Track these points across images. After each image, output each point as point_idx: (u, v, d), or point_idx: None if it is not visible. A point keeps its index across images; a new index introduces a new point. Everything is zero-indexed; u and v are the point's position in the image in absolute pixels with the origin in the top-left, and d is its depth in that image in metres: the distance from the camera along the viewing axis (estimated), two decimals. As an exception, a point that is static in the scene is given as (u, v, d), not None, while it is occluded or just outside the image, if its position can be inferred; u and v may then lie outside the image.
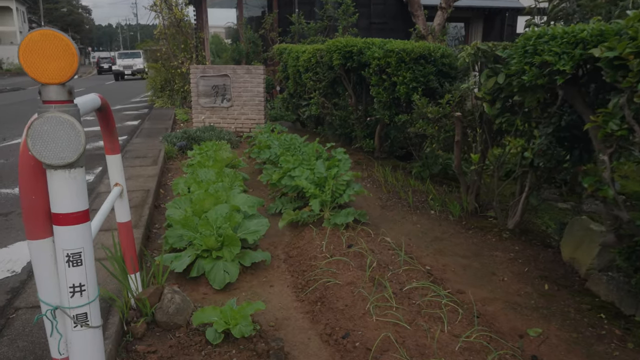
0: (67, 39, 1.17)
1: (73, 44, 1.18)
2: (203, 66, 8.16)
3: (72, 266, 1.23)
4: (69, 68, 1.18)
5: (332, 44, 6.55)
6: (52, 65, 1.17)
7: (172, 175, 6.10)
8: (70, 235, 1.22)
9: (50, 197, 1.22)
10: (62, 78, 1.18)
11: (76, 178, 1.22)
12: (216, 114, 8.24)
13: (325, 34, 11.40)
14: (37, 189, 1.22)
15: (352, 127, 7.07)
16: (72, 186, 1.21)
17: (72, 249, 1.23)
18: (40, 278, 1.25)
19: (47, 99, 1.19)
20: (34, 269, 1.26)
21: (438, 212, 4.48)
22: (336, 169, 4.07)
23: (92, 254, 1.29)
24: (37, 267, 1.24)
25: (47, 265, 1.24)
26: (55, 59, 1.16)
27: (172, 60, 12.79)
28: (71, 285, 1.24)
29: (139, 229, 3.70)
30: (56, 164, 1.19)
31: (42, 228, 1.24)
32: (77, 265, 1.23)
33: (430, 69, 4.82)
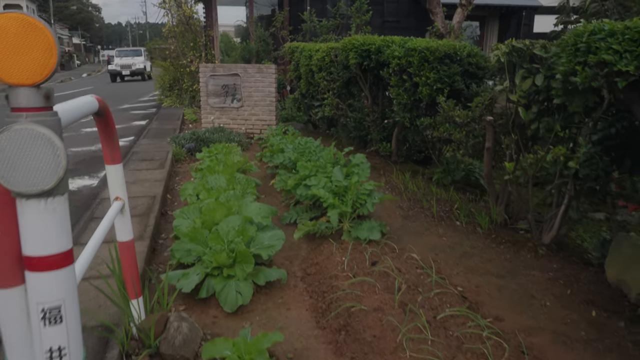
0: (42, 26, 0.88)
1: (51, 32, 0.88)
2: (213, 65, 7.88)
3: (50, 324, 0.94)
4: (45, 64, 0.88)
5: (348, 42, 6.24)
6: (23, 60, 0.87)
7: (179, 179, 5.83)
8: (46, 284, 0.93)
9: (21, 235, 0.93)
10: (36, 77, 0.88)
11: (56, 210, 0.93)
12: (226, 115, 7.96)
13: (338, 32, 11.09)
14: (3, 223, 0.93)
15: (368, 129, 6.75)
16: (49, 221, 0.92)
17: (49, 301, 0.94)
18: (9, 339, 0.96)
19: (17, 105, 0.90)
20: (1, 326, 0.97)
21: (465, 224, 4.16)
22: (356, 177, 3.76)
23: (76, 306, 0.99)
24: (4, 324, 0.95)
25: (17, 323, 0.95)
26: (26, 52, 0.87)
27: (180, 59, 12.53)
28: (48, 350, 0.95)
29: (144, 240, 3.42)
30: (28, 191, 0.90)
31: (10, 273, 0.95)
32: (55, 324, 0.94)
33: (456, 69, 4.50)
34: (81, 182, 5.31)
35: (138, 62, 27.00)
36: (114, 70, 27.07)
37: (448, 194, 4.87)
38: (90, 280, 2.74)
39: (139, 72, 26.94)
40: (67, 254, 0.96)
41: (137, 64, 26.91)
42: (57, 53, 0.89)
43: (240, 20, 19.64)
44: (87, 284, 2.69)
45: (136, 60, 27.14)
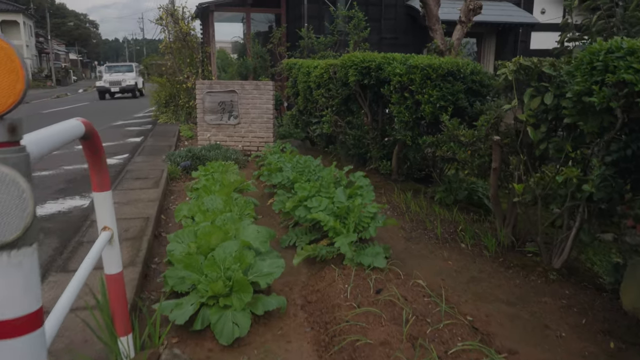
0: (7, 46, 0.74)
1: (17, 53, 0.74)
2: (209, 81, 7.78)
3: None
4: (9, 91, 0.74)
5: (348, 58, 6.15)
6: (-17, 86, 0.73)
7: (174, 198, 5.67)
8: (9, 354, 0.78)
9: (-22, 293, 0.78)
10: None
11: (21, 264, 0.78)
12: (222, 132, 7.83)
13: (336, 48, 11.05)
14: (-42, 279, 0.78)
15: (367, 147, 6.63)
16: (13, 277, 0.77)
17: (12, 373, 0.78)
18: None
19: (-25, 139, 0.75)
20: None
21: (470, 246, 4.01)
22: (359, 199, 3.61)
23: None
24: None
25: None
26: (-14, 77, 0.73)
27: (177, 75, 12.46)
28: None
29: (136, 266, 3.25)
30: (-12, 242, 0.75)
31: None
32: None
33: (459, 86, 4.39)
34: (72, 202, 5.14)
35: (129, 78, 24.95)
36: (102, 87, 24.88)
37: (451, 215, 4.73)
38: (76, 312, 2.57)
39: (130, 88, 24.94)
40: (34, 317, 0.80)
41: (128, 80, 24.85)
42: (25, 78, 0.75)
43: (237, 37, 19.67)
44: (73, 316, 2.52)
45: (127, 77, 25.08)
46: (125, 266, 3.25)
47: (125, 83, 24.67)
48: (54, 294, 2.87)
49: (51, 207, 4.92)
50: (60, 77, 46.70)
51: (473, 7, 7.14)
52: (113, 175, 6.35)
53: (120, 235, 3.90)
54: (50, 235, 4.05)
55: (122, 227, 4.09)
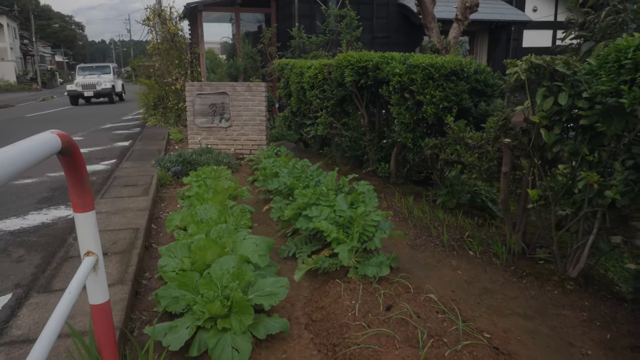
0: None
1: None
2: (200, 83, 7.52)
3: None
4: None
5: (343, 58, 5.95)
6: None
7: (165, 205, 5.42)
8: None
9: None
10: None
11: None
12: (214, 135, 7.58)
13: (328, 48, 10.84)
14: None
15: (364, 149, 6.43)
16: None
17: None
18: None
19: None
20: None
21: (479, 254, 3.82)
22: (362, 207, 3.40)
23: None
24: None
25: None
26: None
27: (165, 77, 12.16)
28: None
29: (125, 284, 3.01)
30: None
31: None
32: None
33: (463, 86, 4.20)
34: (56, 212, 4.87)
35: (105, 81, 21.91)
36: (74, 91, 21.45)
37: (456, 219, 4.55)
38: (59, 339, 2.33)
39: (106, 92, 21.83)
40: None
41: (104, 83, 21.77)
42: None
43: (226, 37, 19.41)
44: (55, 344, 2.28)
45: (103, 79, 22.02)
46: (114, 284, 3.01)
47: (100, 86, 21.66)
48: (37, 317, 2.63)
49: (34, 218, 4.65)
50: (46, 79, 45.93)
51: (470, 4, 6.97)
52: (100, 182, 6.08)
53: (108, 249, 3.67)
54: (32, 250, 3.79)
55: (110, 239, 3.85)
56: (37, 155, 1.11)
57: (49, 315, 2.62)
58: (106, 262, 3.34)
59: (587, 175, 2.81)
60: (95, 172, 6.73)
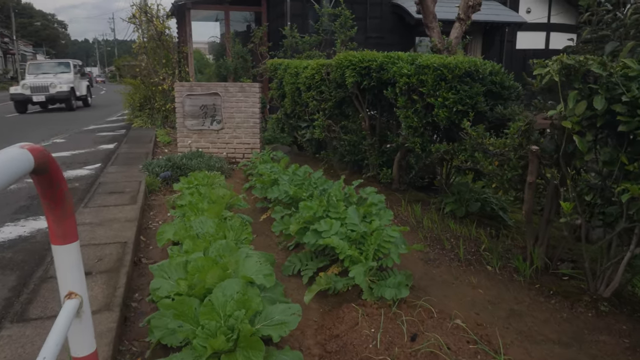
0: None
1: None
2: (189, 83, 7.16)
3: None
4: None
5: (344, 58, 5.64)
6: None
7: (154, 214, 5.05)
8: None
9: None
10: None
11: None
12: (204, 138, 7.21)
13: (321, 48, 10.53)
14: None
15: (364, 154, 6.13)
16: None
17: None
18: None
19: None
20: None
21: (498, 269, 3.54)
22: (376, 221, 3.09)
23: None
24: None
25: None
26: None
27: (152, 77, 11.73)
28: None
29: (113, 311, 2.65)
30: None
31: None
32: None
33: (478, 88, 3.92)
34: (35, 224, 4.48)
35: (62, 82, 16.84)
36: (19, 95, 16.27)
37: (467, 230, 4.26)
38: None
39: (63, 97, 16.84)
40: None
41: (60, 84, 16.69)
42: None
43: (213, 37, 18.99)
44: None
45: (59, 80, 16.96)
46: (100, 310, 2.65)
47: (55, 89, 16.53)
48: (10, 353, 2.27)
49: (10, 231, 4.25)
50: (27, 79, 44.79)
51: (472, 3, 6.72)
52: (84, 189, 5.68)
53: (92, 267, 3.30)
54: (7, 268, 3.40)
55: (94, 255, 3.48)
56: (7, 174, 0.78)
57: (23, 352, 2.26)
58: (90, 283, 2.98)
59: (631, 188, 2.54)
60: (78, 178, 6.32)
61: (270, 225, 4.62)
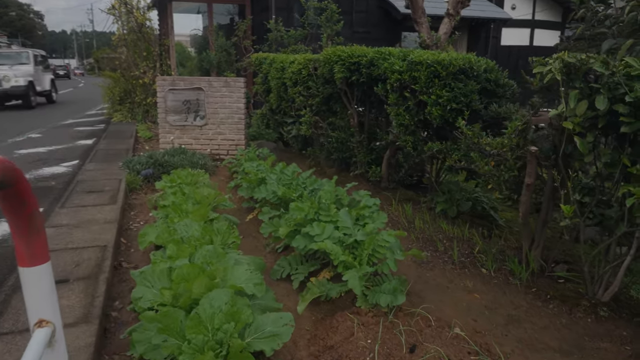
0: None
1: None
2: (172, 77, 6.92)
3: None
4: None
5: (332, 53, 5.49)
6: None
7: (135, 214, 4.85)
8: None
9: None
10: None
11: None
12: (187, 134, 7.00)
13: (307, 42, 10.35)
14: None
15: (352, 151, 6.00)
16: None
17: None
18: None
19: None
20: None
21: (493, 272, 3.45)
22: (370, 224, 2.97)
23: None
24: None
25: None
26: None
27: (132, 70, 11.41)
28: None
29: (91, 324, 2.48)
30: None
31: None
32: None
33: (473, 86, 3.82)
34: (6, 226, 4.23)
35: (18, 75, 14.15)
36: None
37: (460, 230, 4.17)
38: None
39: (19, 92, 14.15)
40: None
41: (15, 78, 14.01)
42: None
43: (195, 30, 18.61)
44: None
45: (15, 72, 14.22)
46: (77, 323, 2.48)
47: (9, 83, 13.86)
48: (-24, 372, 2.09)
49: (-19, 233, 4.02)
50: (2, 70, 43.51)
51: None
52: (61, 188, 5.44)
53: (69, 273, 3.11)
54: (-24, 275, 3.19)
55: (72, 260, 3.28)
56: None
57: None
58: (68, 292, 2.80)
59: (635, 191, 2.45)
60: (55, 176, 6.06)
61: (257, 225, 4.47)
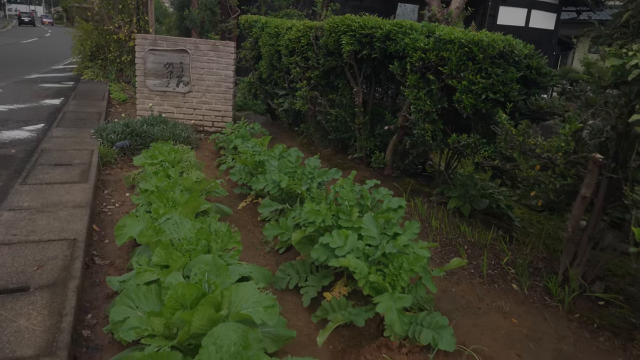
0: None
1: None
2: (153, 36, 6.16)
3: None
4: None
5: (340, 22, 4.88)
6: None
7: (110, 193, 4.23)
8: None
9: None
10: None
11: None
12: (169, 101, 6.30)
13: (299, 7, 9.59)
14: None
15: (354, 132, 5.47)
16: None
17: None
18: None
19: None
20: None
21: (527, 289, 3.04)
22: (402, 235, 2.48)
23: None
24: None
25: None
26: None
27: (106, 23, 10.39)
28: None
29: (56, 356, 1.93)
30: None
31: None
32: None
33: (513, 73, 3.31)
34: None
35: None
36: None
37: (478, 234, 3.75)
38: None
39: None
40: None
41: None
42: None
43: (175, -17, 17.34)
44: None
45: None
46: (39, 356, 1.92)
47: None
48: None
49: None
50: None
51: (479, -30, 6.04)
52: (22, 158, 4.73)
53: (29, 278, 2.51)
54: None
55: (34, 258, 2.69)
56: None
57: None
58: (28, 307, 2.23)
59: None
60: (15, 142, 5.31)
61: (252, 215, 3.94)
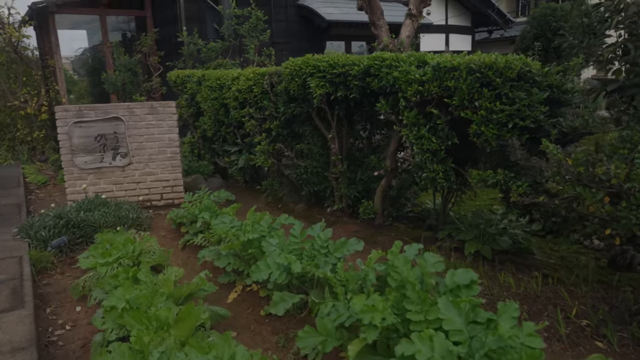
0: None
1: None
2: (77, 107, 5.24)
3: None
4: None
5: (303, 63, 4.35)
6: None
7: (54, 311, 3.27)
8: None
9: None
10: None
11: None
12: (105, 178, 5.34)
13: (229, 56, 8.99)
14: None
15: (330, 182, 4.85)
16: None
17: None
18: None
19: None
20: None
21: (617, 346, 2.51)
22: (503, 324, 1.85)
23: None
24: None
25: None
26: None
27: (8, 99, 9.17)
28: None
29: None
30: None
31: None
32: None
33: (537, 95, 2.87)
34: None
35: None
36: None
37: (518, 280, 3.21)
38: None
39: None
40: None
41: None
42: None
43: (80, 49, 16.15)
44: None
45: None
46: None
47: None
48: None
49: None
50: None
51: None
52: None
53: None
54: None
55: None
56: None
57: None
58: None
59: None
60: None
61: (249, 309, 3.13)
